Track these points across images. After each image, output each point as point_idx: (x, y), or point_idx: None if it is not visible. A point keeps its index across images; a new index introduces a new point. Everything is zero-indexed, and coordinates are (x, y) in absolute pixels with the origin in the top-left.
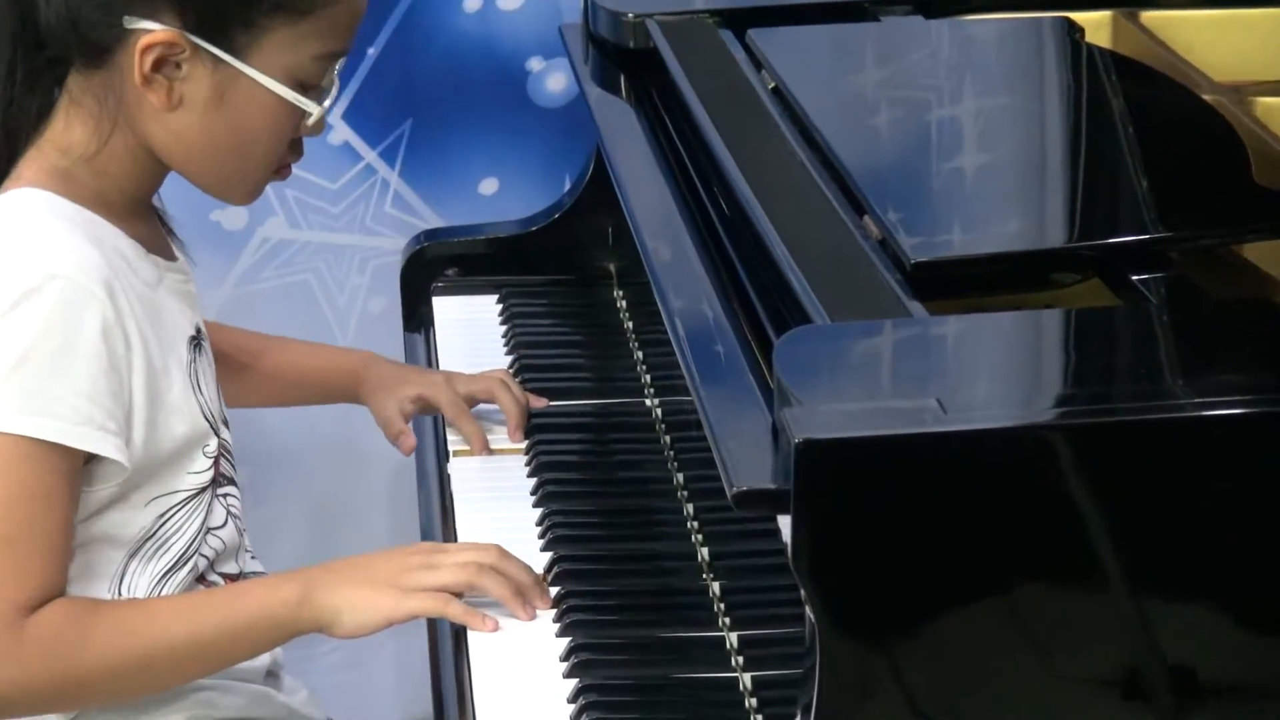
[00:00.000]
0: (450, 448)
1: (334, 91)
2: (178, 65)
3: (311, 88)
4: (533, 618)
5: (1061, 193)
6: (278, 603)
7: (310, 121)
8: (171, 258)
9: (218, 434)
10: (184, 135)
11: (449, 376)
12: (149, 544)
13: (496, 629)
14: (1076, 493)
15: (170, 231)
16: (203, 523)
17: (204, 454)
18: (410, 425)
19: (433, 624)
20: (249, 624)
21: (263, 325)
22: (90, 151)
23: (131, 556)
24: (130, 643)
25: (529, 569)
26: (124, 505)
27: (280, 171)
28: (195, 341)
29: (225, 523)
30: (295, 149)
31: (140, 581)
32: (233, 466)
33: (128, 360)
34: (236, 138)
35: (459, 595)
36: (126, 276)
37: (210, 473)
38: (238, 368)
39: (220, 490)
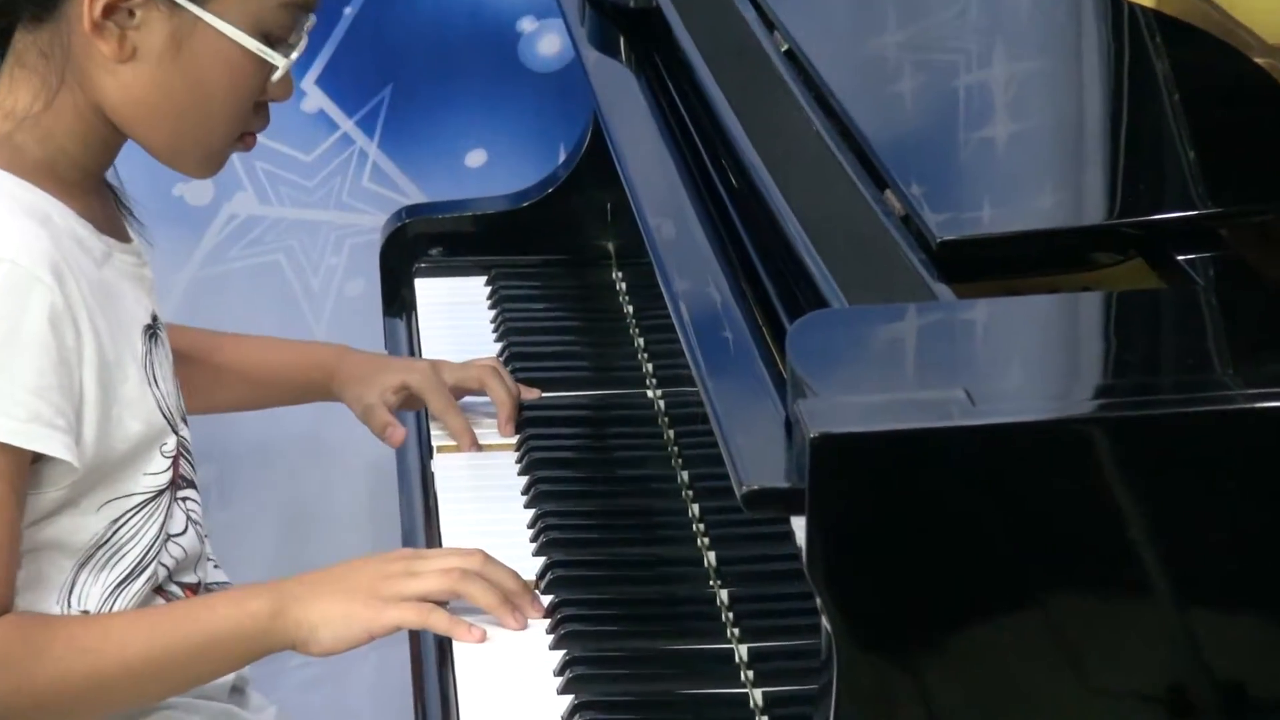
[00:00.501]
0: (434, 443)
1: (302, 46)
2: (130, 12)
3: (278, 41)
4: (523, 626)
5: (1100, 165)
6: (246, 617)
7: (276, 77)
8: (126, 239)
9: (176, 431)
10: (137, 91)
11: (434, 365)
12: (101, 552)
13: (484, 639)
14: (1118, 492)
15: (126, 210)
16: (160, 528)
17: (161, 453)
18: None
19: (415, 635)
20: (214, 641)
21: (230, 309)
22: (35, 111)
23: (82, 566)
24: (85, 662)
25: (516, 575)
26: (74, 510)
27: (244, 140)
28: (151, 331)
29: (185, 529)
30: (261, 114)
31: (92, 592)
32: (192, 467)
33: (78, 352)
34: (195, 94)
35: (443, 604)
36: (77, 260)
37: (168, 474)
38: (197, 369)
39: (180, 493)
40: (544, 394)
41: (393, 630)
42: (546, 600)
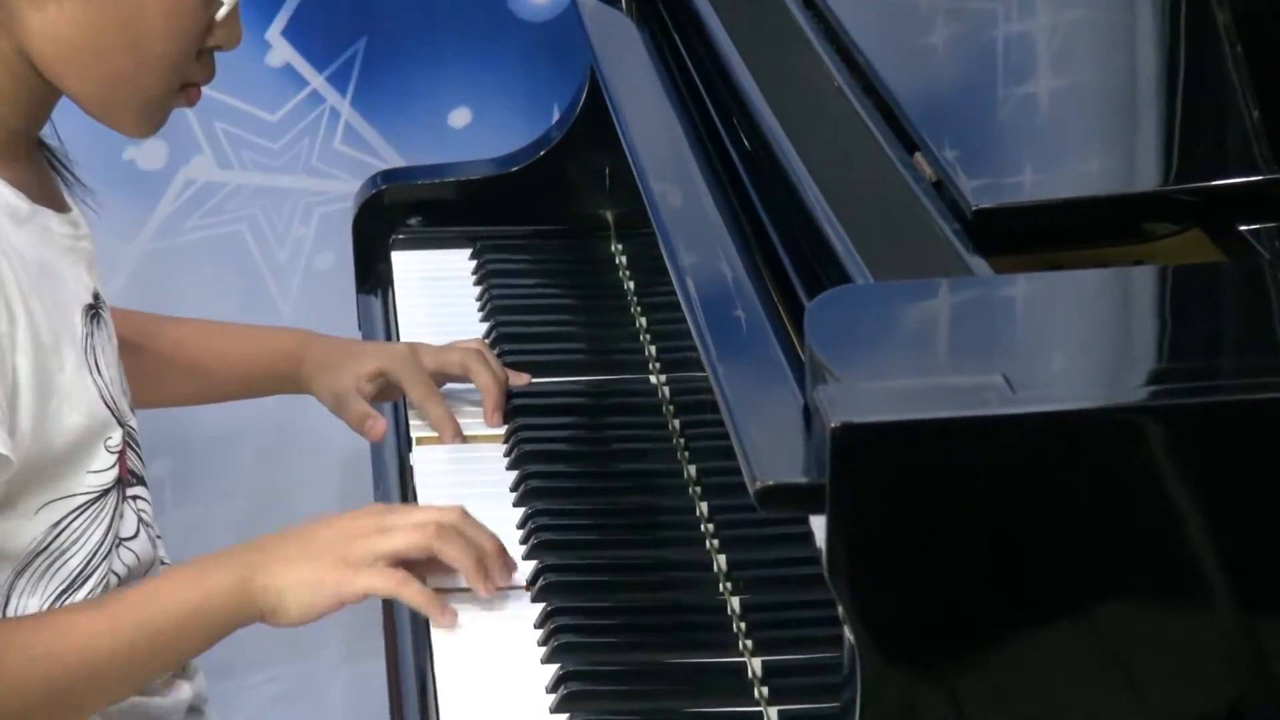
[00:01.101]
0: (413, 434)
1: None
2: None
3: None
4: (492, 593)
5: (1155, 125)
6: (209, 596)
7: (220, 15)
8: (64, 208)
9: (122, 423)
10: (65, 29)
11: (412, 348)
12: (41, 559)
13: (455, 622)
14: (1174, 488)
15: (67, 174)
16: (107, 531)
17: (106, 448)
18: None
19: (392, 646)
20: (179, 628)
21: (186, 285)
22: None
23: (19, 574)
24: (43, 669)
25: (494, 536)
26: (10, 513)
27: (186, 93)
28: (92, 311)
29: (137, 532)
30: (204, 64)
31: (30, 603)
32: (142, 462)
33: (10, 336)
34: (127, 34)
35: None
36: (7, 233)
37: (114, 471)
38: (143, 358)
39: (129, 492)
40: (535, 379)
41: (363, 597)
42: (538, 610)
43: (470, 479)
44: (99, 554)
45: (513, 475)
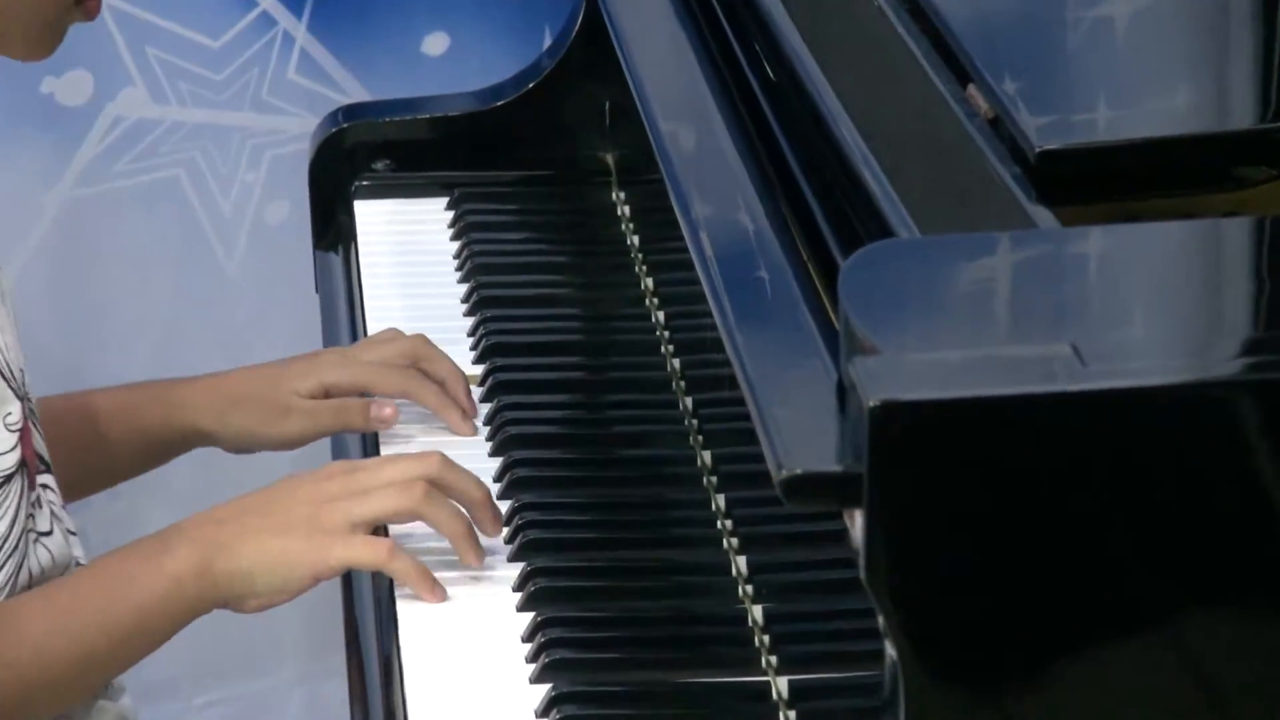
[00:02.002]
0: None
1: None
2: None
3: None
4: (481, 564)
5: (1248, 54)
6: (170, 583)
7: None
8: None
9: (21, 398)
10: None
11: (338, 351)
12: None
13: (445, 598)
14: (1274, 476)
15: None
16: (11, 524)
17: (5, 426)
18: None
19: (355, 663)
20: (139, 623)
21: (113, 240)
22: None
23: None
24: (6, 678)
25: (479, 482)
26: None
27: (83, 5)
28: None
29: (51, 527)
30: None
31: None
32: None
33: None
34: None
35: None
36: None
37: (16, 453)
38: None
39: (40, 480)
40: (524, 355)
41: (342, 570)
42: (527, 619)
43: None
44: (6, 548)
45: (496, 464)
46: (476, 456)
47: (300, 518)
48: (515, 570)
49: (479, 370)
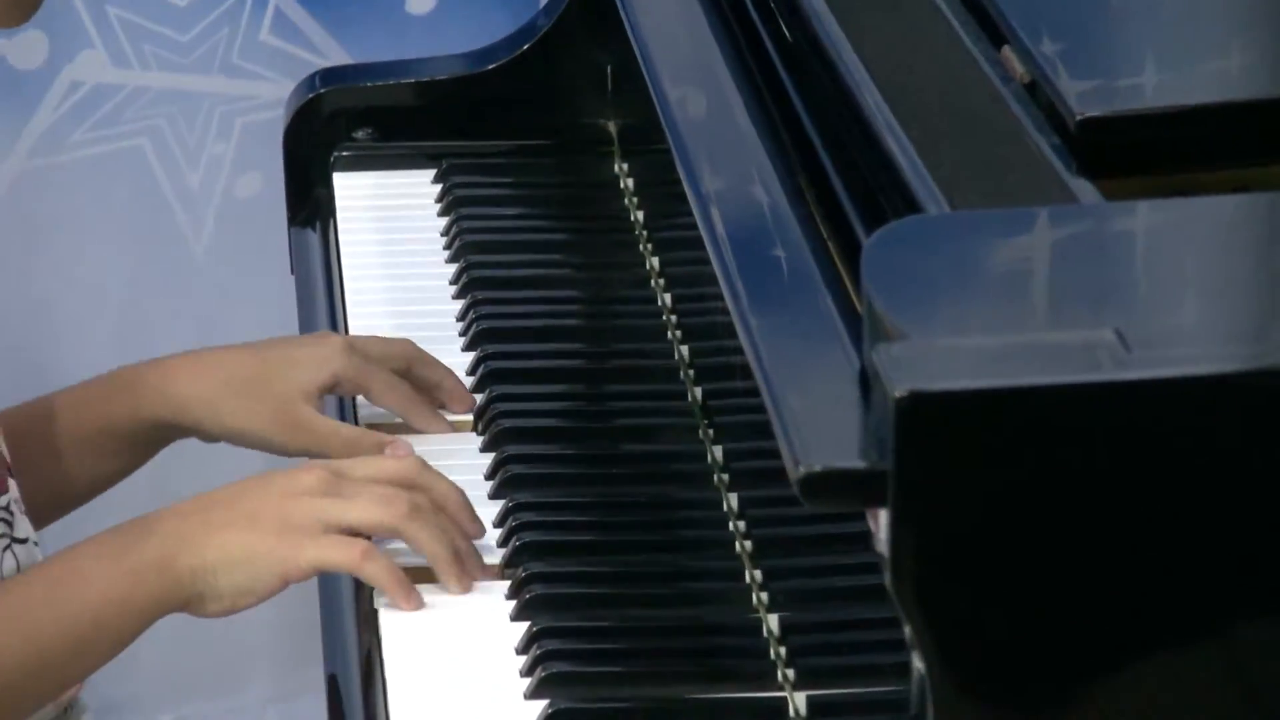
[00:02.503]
0: (361, 417)
1: None
2: None
3: None
4: (468, 589)
5: None
6: (131, 582)
7: None
8: None
9: None
10: None
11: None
12: None
13: (421, 606)
14: None
15: None
16: None
17: None
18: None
19: (332, 679)
20: (95, 621)
21: (70, 215)
22: None
23: None
24: None
25: (461, 495)
26: None
27: None
28: None
29: (7, 547)
30: None
31: None
32: (6, 452)
33: None
34: None
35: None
36: None
37: None
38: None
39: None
40: (518, 342)
41: (313, 573)
42: (522, 629)
43: (436, 466)
44: None
45: (488, 460)
46: (467, 453)
47: (270, 514)
48: (510, 575)
49: (472, 362)
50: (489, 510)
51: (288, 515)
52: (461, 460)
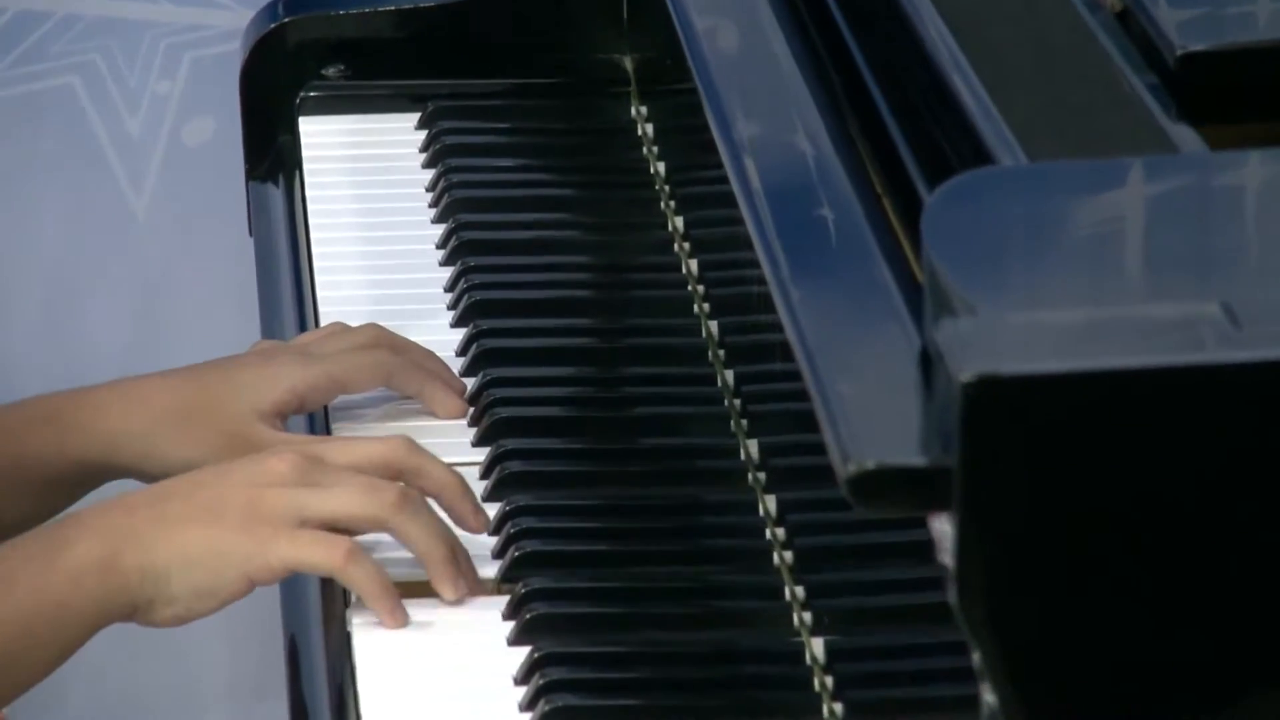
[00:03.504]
0: (331, 425)
1: None
2: None
3: None
4: (463, 595)
5: None
6: (66, 582)
7: None
8: None
9: None
10: None
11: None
12: None
13: (404, 623)
14: None
15: None
16: None
17: None
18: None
19: (298, 710)
20: (25, 629)
21: None
22: None
23: None
24: None
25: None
26: None
27: None
28: None
29: None
30: None
31: None
32: None
33: None
34: None
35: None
36: None
37: None
38: None
39: None
40: (518, 316)
41: (284, 573)
42: (522, 655)
43: None
44: None
45: (482, 455)
46: (458, 447)
47: (235, 504)
48: (507, 591)
49: (462, 345)
50: None
51: (256, 506)
52: (450, 456)
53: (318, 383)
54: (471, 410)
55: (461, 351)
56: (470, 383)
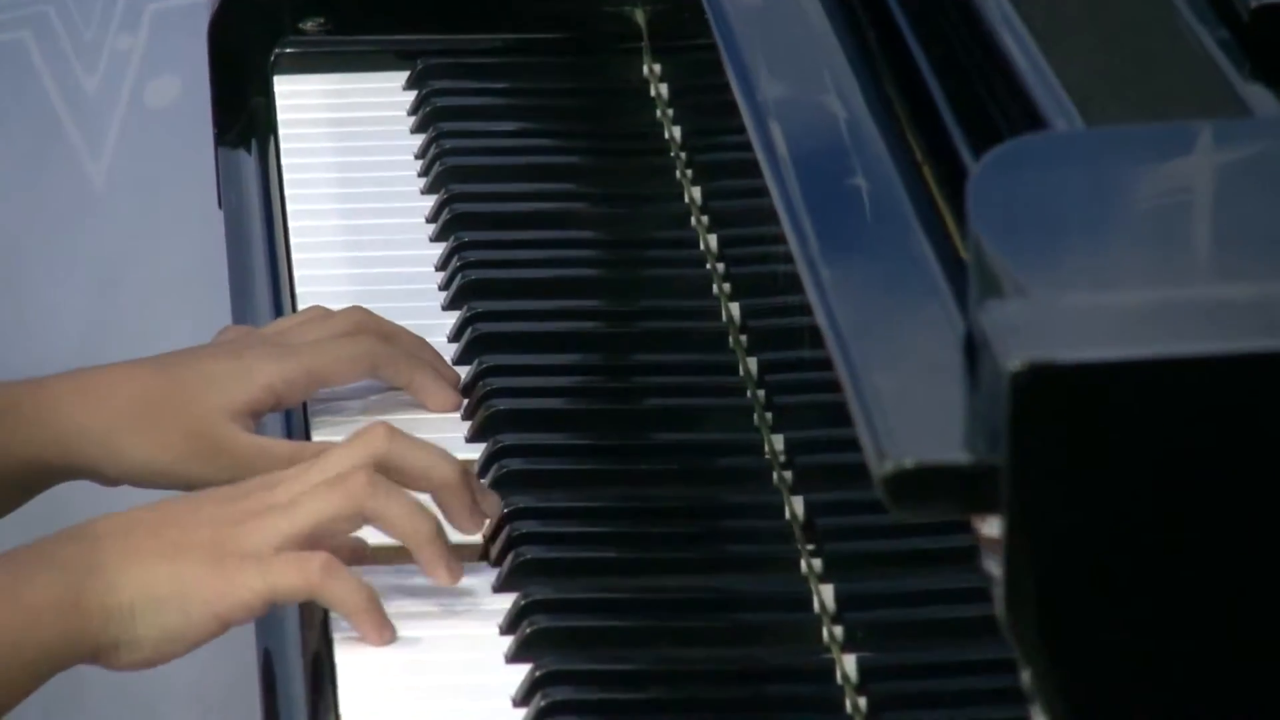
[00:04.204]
0: (310, 419)
1: None
2: None
3: None
4: (458, 579)
5: None
6: (22, 620)
7: None
8: None
9: None
10: None
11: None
12: None
13: (391, 640)
14: None
15: None
16: None
17: None
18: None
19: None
20: None
21: None
22: None
23: None
24: None
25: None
26: None
27: None
28: None
29: None
30: None
31: None
32: None
33: None
34: None
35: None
36: None
37: None
38: None
39: None
40: (517, 298)
41: (260, 608)
42: (522, 673)
43: None
44: None
45: (479, 450)
46: (451, 443)
47: (203, 539)
48: (505, 603)
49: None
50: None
51: (226, 540)
52: (441, 442)
53: (296, 377)
54: (466, 402)
55: (454, 337)
56: (464, 372)
